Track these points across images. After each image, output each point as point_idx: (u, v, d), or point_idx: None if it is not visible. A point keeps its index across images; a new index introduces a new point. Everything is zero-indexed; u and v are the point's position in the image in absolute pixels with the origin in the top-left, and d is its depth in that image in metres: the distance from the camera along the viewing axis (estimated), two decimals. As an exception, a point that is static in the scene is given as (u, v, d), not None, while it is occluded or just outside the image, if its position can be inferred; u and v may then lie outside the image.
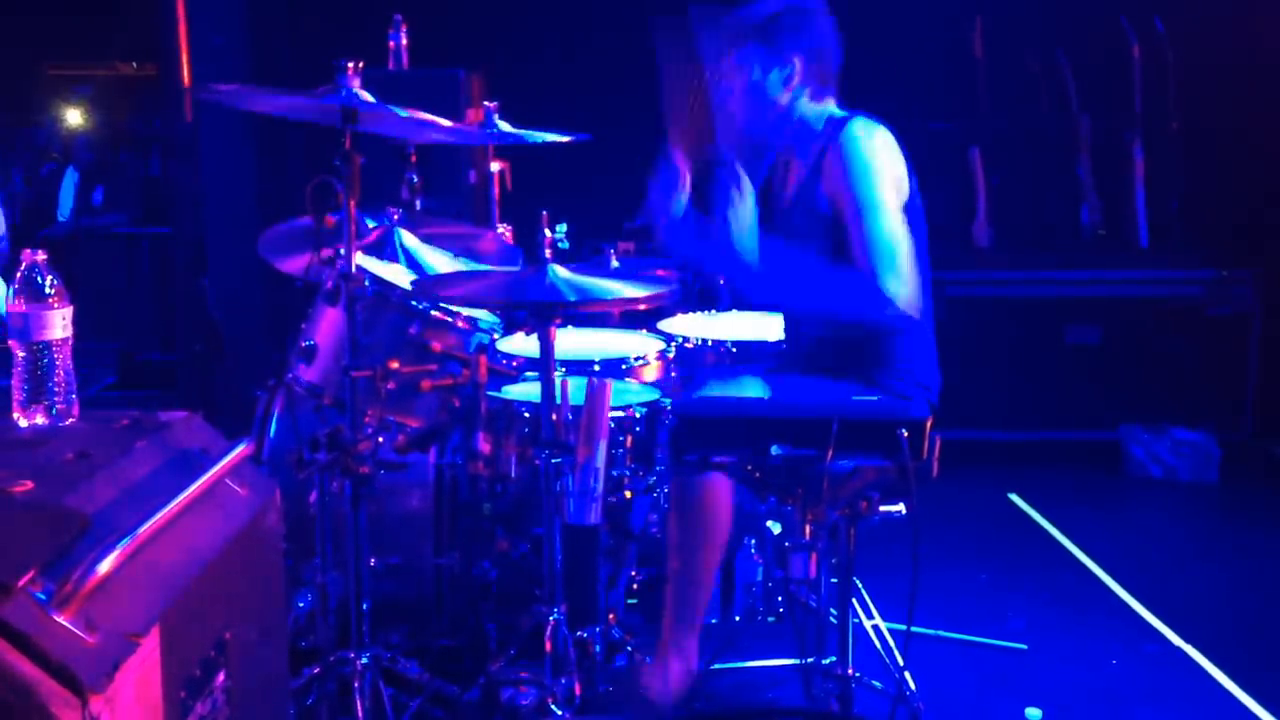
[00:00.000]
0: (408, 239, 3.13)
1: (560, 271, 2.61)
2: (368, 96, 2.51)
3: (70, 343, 1.89)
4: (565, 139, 3.15)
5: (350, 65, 2.51)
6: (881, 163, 2.73)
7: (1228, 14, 5.45)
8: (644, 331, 3.55)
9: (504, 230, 3.58)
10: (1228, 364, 5.26)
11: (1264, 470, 5.08)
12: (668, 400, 3.10)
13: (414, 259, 3.12)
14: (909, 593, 2.35)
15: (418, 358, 2.78)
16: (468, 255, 3.23)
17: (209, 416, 2.12)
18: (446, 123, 2.71)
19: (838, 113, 2.90)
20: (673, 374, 3.32)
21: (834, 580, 2.77)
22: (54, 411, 1.88)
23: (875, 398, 2.74)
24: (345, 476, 2.59)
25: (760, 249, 2.77)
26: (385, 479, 2.70)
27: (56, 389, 1.87)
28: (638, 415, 3.07)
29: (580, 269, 2.70)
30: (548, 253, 2.64)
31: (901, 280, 2.63)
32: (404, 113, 2.58)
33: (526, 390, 3.14)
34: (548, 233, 2.64)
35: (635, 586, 3.29)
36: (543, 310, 2.60)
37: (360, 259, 2.65)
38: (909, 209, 2.79)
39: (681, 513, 2.85)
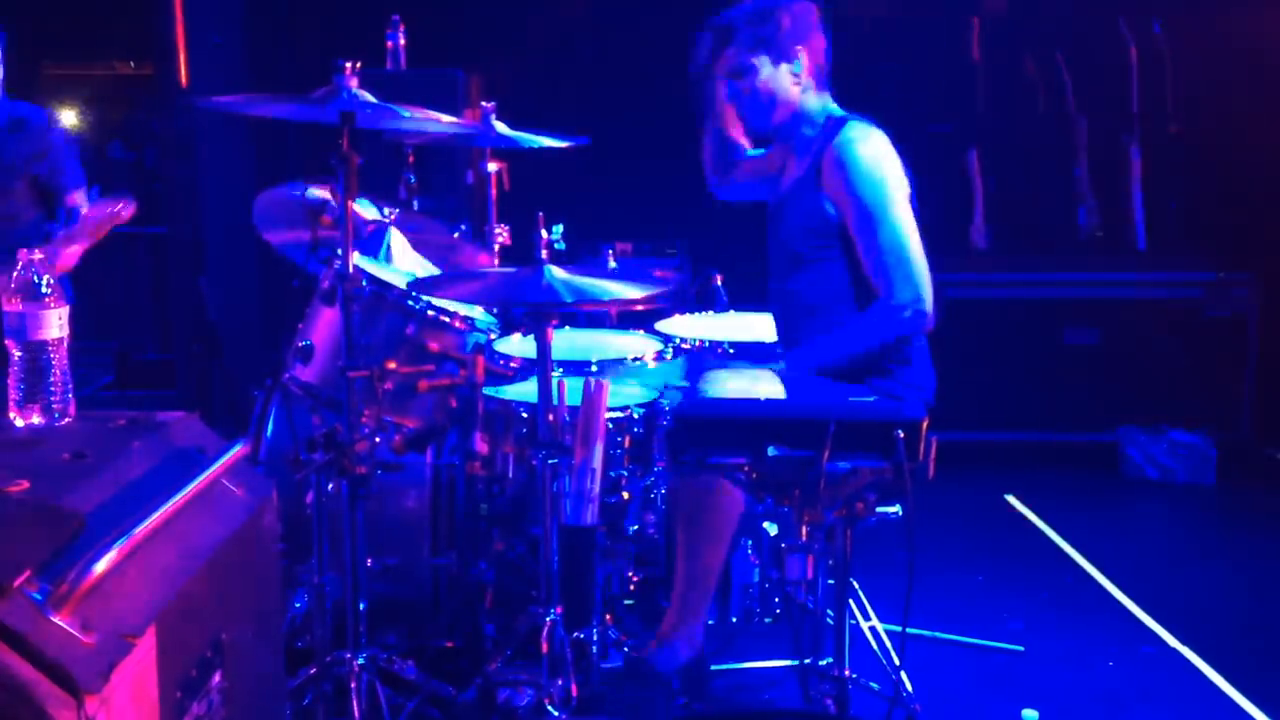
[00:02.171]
0: (396, 244, 3.13)
1: (557, 272, 2.61)
2: (369, 97, 2.51)
3: (67, 342, 1.89)
4: (564, 144, 3.16)
5: (348, 66, 2.51)
6: (884, 167, 2.81)
7: (1225, 16, 5.45)
8: (642, 332, 3.54)
9: (501, 231, 3.58)
10: (1225, 366, 5.26)
11: (1261, 473, 5.08)
12: (666, 401, 3.10)
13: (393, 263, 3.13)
14: (905, 594, 2.35)
15: (415, 358, 2.78)
16: (453, 265, 3.24)
17: (206, 416, 2.12)
18: (447, 119, 2.71)
19: (836, 111, 2.93)
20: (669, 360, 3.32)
21: (831, 581, 2.77)
22: (50, 411, 1.88)
23: (872, 399, 2.74)
24: (342, 477, 2.59)
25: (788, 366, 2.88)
26: (382, 479, 2.70)
27: (53, 389, 1.87)
28: (635, 416, 3.06)
29: (577, 270, 2.70)
30: (544, 254, 2.63)
31: (913, 285, 2.77)
32: (407, 113, 2.58)
33: (523, 391, 3.13)
34: (544, 234, 2.63)
35: (632, 587, 3.29)
36: (539, 311, 2.60)
37: (357, 259, 2.65)
38: None
39: (681, 514, 2.87)
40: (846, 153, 2.80)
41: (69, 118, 8.96)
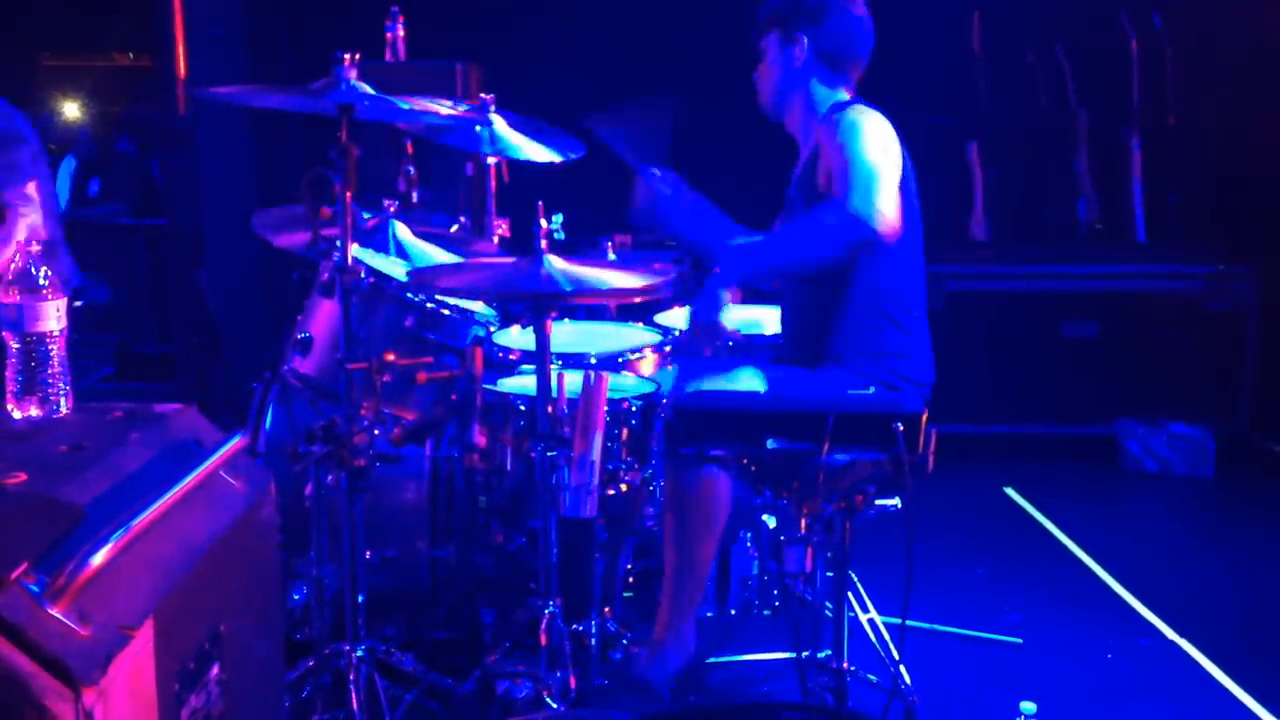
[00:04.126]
0: (402, 232, 3.13)
1: (556, 263, 2.61)
2: (367, 89, 2.51)
3: (65, 334, 1.89)
4: (556, 158, 3.15)
5: (347, 57, 2.50)
6: (870, 127, 2.77)
7: (1225, 9, 5.44)
8: (641, 325, 3.54)
9: (500, 225, 3.58)
10: (1224, 359, 5.26)
11: (1259, 465, 5.09)
12: (664, 391, 3.10)
13: (406, 252, 3.12)
14: (904, 587, 2.35)
15: (414, 350, 2.78)
16: (459, 252, 3.23)
17: (205, 409, 2.12)
18: (446, 110, 2.70)
19: (842, 98, 2.93)
20: (669, 367, 3.32)
21: (829, 574, 2.77)
22: (48, 403, 1.88)
23: (871, 391, 2.74)
24: (341, 469, 2.59)
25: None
26: (381, 471, 2.69)
27: (51, 381, 1.87)
28: (633, 408, 3.06)
29: (576, 260, 2.70)
30: (543, 244, 2.63)
31: (872, 198, 2.61)
32: (406, 105, 2.57)
33: (522, 383, 3.13)
34: (543, 223, 2.63)
35: (631, 579, 3.29)
36: (538, 302, 2.60)
37: (356, 251, 2.64)
38: (902, 189, 2.81)
39: (677, 506, 2.87)
40: (838, 119, 2.80)
41: (69, 109, 8.95)
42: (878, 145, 2.74)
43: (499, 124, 3.12)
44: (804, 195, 2.89)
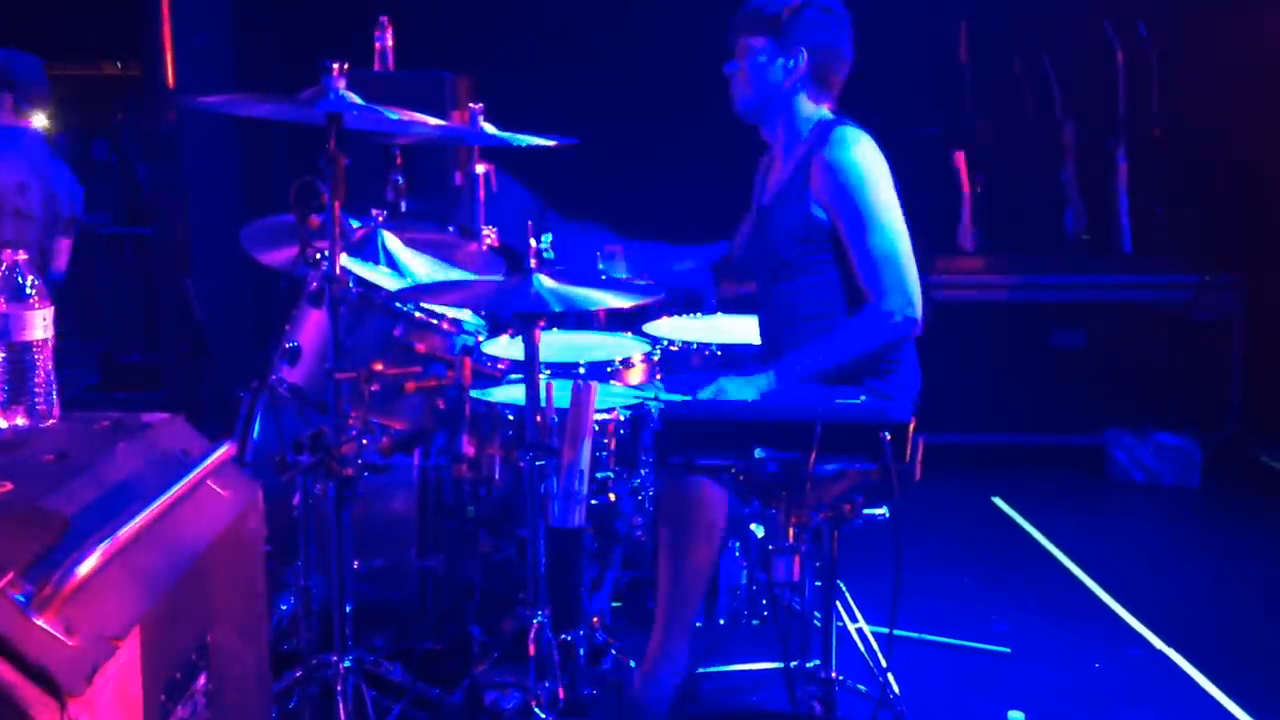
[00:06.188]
0: (391, 242, 3.13)
1: (545, 281, 2.61)
2: (355, 98, 2.51)
3: (51, 343, 1.88)
4: (551, 143, 3.16)
5: (335, 67, 2.50)
6: (873, 171, 2.81)
7: (1210, 19, 5.47)
8: (629, 334, 3.54)
9: (489, 233, 3.57)
10: (1211, 369, 5.28)
11: (1246, 475, 5.10)
12: (653, 404, 3.10)
13: (396, 263, 3.12)
14: (892, 596, 2.35)
15: (402, 359, 2.77)
16: (450, 262, 3.23)
17: (192, 418, 2.11)
18: (434, 120, 2.70)
19: (827, 117, 2.94)
20: (658, 377, 3.32)
21: (818, 583, 2.78)
22: (35, 413, 1.87)
23: (858, 400, 2.75)
24: (329, 479, 2.58)
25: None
26: (369, 481, 2.69)
27: (37, 390, 1.86)
28: (622, 418, 3.06)
29: (565, 274, 2.70)
30: (533, 262, 2.64)
31: (903, 290, 2.79)
32: (394, 115, 2.57)
33: (511, 393, 3.13)
34: (533, 242, 2.64)
35: (620, 589, 3.29)
36: (528, 318, 2.61)
37: (345, 260, 2.64)
38: None
39: (669, 518, 2.85)
40: (836, 156, 2.81)
41: (56, 118, 8.92)
42: (888, 195, 2.81)
43: (490, 129, 3.12)
44: (788, 213, 2.90)
